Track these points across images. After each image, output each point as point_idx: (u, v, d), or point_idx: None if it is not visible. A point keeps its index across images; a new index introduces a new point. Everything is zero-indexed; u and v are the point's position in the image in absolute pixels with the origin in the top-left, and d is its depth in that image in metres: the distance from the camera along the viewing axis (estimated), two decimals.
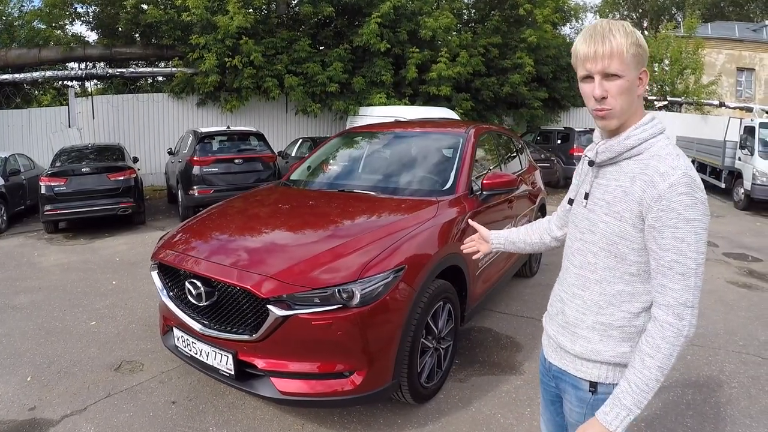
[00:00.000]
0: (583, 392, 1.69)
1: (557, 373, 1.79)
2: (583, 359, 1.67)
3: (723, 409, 3.65)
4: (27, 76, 16.04)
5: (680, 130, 20.35)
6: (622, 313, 1.60)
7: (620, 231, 1.55)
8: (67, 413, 3.69)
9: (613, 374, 1.63)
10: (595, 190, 1.66)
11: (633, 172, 1.54)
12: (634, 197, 1.51)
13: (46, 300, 6.14)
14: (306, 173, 5.18)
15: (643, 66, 1.54)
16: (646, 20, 37.53)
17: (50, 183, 9.70)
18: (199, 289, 3.22)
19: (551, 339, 1.82)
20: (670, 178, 1.45)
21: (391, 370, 3.14)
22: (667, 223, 1.45)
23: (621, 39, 1.48)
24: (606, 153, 1.60)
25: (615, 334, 1.61)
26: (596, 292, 1.64)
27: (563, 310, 1.76)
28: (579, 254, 1.70)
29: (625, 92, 1.52)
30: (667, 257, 1.46)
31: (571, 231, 1.78)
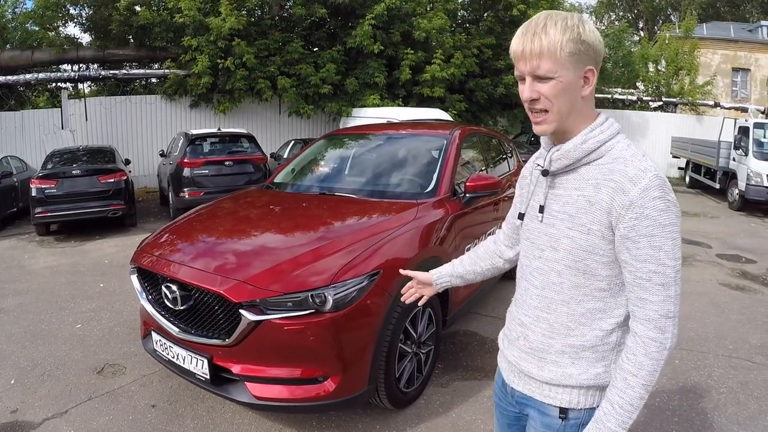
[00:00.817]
0: (552, 418, 1.53)
1: (521, 399, 1.63)
2: (552, 385, 1.52)
3: (710, 416, 3.60)
4: (20, 78, 16.03)
5: (675, 131, 20.39)
6: (594, 332, 1.46)
7: (588, 245, 1.40)
8: (48, 416, 3.69)
9: (585, 398, 1.49)
10: (552, 202, 1.50)
11: (596, 179, 1.39)
12: (601, 206, 1.36)
13: (33, 303, 6.13)
14: (290, 176, 5.15)
15: (588, 65, 1.38)
16: (641, 21, 37.57)
17: (41, 185, 9.68)
18: (174, 293, 3.21)
19: (512, 364, 1.64)
20: (641, 183, 1.31)
21: (366, 375, 3.12)
22: (642, 231, 1.31)
23: (555, 35, 1.33)
24: (562, 160, 1.45)
25: (587, 355, 1.47)
26: (564, 314, 1.48)
27: (526, 335, 1.58)
28: (540, 274, 1.53)
29: (560, 94, 1.38)
30: (645, 269, 1.33)
31: (527, 248, 1.61)
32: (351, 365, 3.03)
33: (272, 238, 3.61)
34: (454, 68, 16.16)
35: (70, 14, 17.60)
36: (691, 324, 5.25)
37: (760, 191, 12.00)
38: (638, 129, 22.01)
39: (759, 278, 7.00)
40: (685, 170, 17.92)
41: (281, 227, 3.83)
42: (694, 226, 10.71)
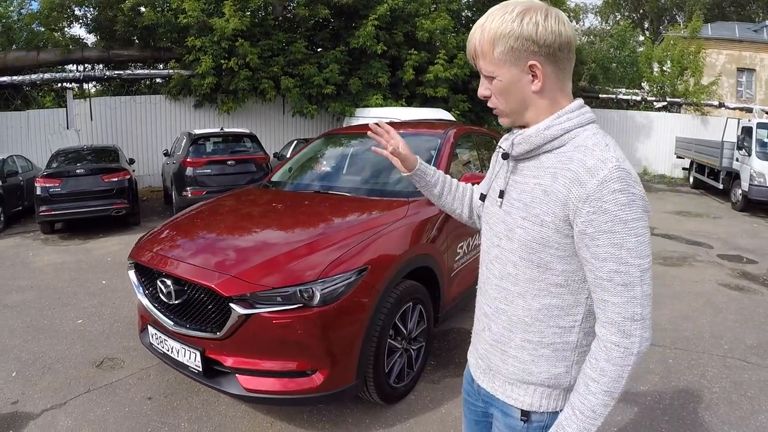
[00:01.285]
0: (514, 420, 1.47)
1: (486, 398, 1.57)
2: (515, 382, 1.45)
3: (701, 415, 3.59)
4: (25, 78, 16.13)
5: (680, 131, 20.33)
6: (551, 329, 1.38)
7: (541, 237, 1.32)
8: (47, 407, 3.79)
9: (547, 401, 1.43)
10: (511, 188, 1.42)
11: (554, 168, 1.31)
12: (556, 198, 1.28)
13: (36, 299, 6.22)
14: (287, 175, 5.23)
15: (529, 60, 1.30)
16: (647, 21, 37.46)
17: (45, 184, 9.79)
18: (169, 288, 3.30)
19: (480, 359, 1.57)
20: (599, 174, 1.22)
21: (354, 370, 3.18)
22: (601, 227, 1.22)
23: (490, 32, 1.31)
24: (523, 145, 1.37)
25: (546, 353, 1.40)
26: (520, 307, 1.41)
27: (489, 326, 1.51)
28: (498, 263, 1.45)
29: (503, 93, 1.36)
30: (605, 267, 1.24)
31: (487, 235, 1.53)
32: (339, 359, 3.09)
33: (265, 235, 3.68)
34: (457, 68, 16.18)
35: (75, 15, 17.71)
36: (687, 324, 5.24)
37: (763, 191, 11.95)
38: (643, 129, 21.98)
39: (759, 278, 6.98)
40: (689, 170, 17.88)
41: (274, 224, 3.90)
42: (696, 226, 10.72)
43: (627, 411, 3.63)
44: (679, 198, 15.10)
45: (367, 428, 3.44)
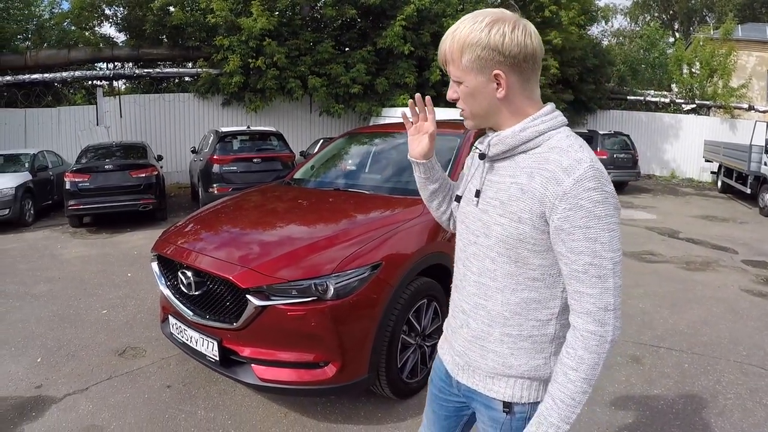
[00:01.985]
0: (497, 412, 1.52)
1: (467, 391, 1.60)
2: (495, 375, 1.50)
3: (713, 421, 3.53)
4: (56, 76, 16.51)
5: (708, 134, 20.04)
6: (530, 323, 1.44)
7: (518, 234, 1.38)
8: (69, 392, 3.94)
9: (528, 392, 1.48)
10: (488, 187, 1.48)
11: (530, 167, 1.37)
12: (533, 195, 1.34)
13: (63, 289, 6.41)
14: (309, 172, 5.31)
15: (494, 69, 1.36)
16: (677, 22, 36.93)
17: (74, 179, 10.05)
18: (189, 279, 3.40)
19: (457, 356, 1.60)
20: (575, 173, 1.29)
21: (366, 363, 3.23)
22: (577, 223, 1.28)
23: (459, 40, 1.37)
24: (499, 146, 1.43)
25: (526, 346, 1.45)
26: (499, 302, 1.46)
27: (467, 322, 1.55)
28: (476, 260, 1.50)
29: (469, 98, 1.43)
30: (580, 261, 1.30)
31: (463, 233, 1.59)
32: (351, 352, 3.16)
33: (283, 230, 3.79)
34: None
35: (105, 14, 18.07)
36: (706, 329, 5.17)
37: None
38: (671, 131, 21.69)
39: None
40: (718, 174, 17.61)
41: (293, 220, 4.00)
42: (721, 231, 10.56)
43: (639, 414, 3.61)
44: (705, 202, 14.91)
45: (379, 422, 3.50)
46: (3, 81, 15.84)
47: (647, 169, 21.05)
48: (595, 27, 24.07)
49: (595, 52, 21.51)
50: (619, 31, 34.45)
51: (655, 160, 21.84)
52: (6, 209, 10.29)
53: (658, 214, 12.60)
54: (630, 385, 4.03)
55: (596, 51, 21.81)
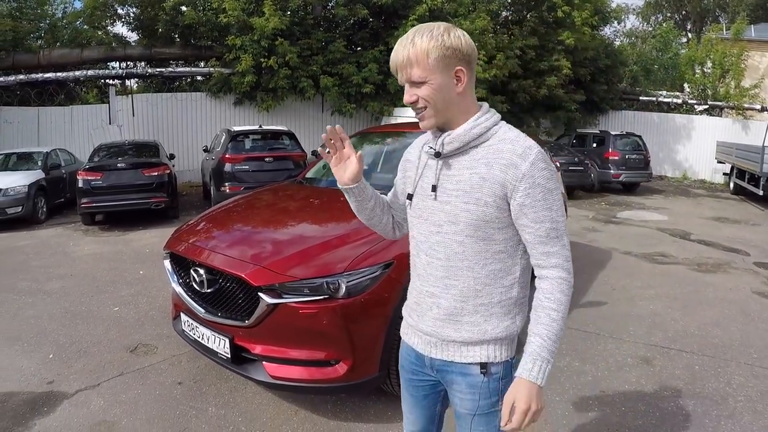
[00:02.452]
0: (474, 377, 1.70)
1: (441, 366, 1.77)
2: (470, 343, 1.69)
3: (723, 423, 3.51)
4: (69, 75, 16.59)
5: (721, 136, 19.88)
6: (498, 290, 1.66)
7: (484, 215, 1.59)
8: (81, 388, 3.98)
9: (500, 352, 1.70)
10: (445, 181, 1.66)
11: (487, 158, 1.59)
12: (495, 181, 1.56)
13: (75, 286, 6.47)
14: (321, 171, 5.32)
15: (456, 66, 1.57)
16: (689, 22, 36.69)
17: (87, 177, 10.12)
18: (202, 277, 3.42)
19: (428, 336, 1.76)
20: (529, 158, 1.55)
21: (377, 361, 3.25)
22: (537, 197, 1.55)
23: (422, 45, 1.54)
24: (454, 143, 1.62)
25: (497, 311, 1.68)
26: (470, 278, 1.65)
27: (438, 303, 1.71)
28: (442, 247, 1.67)
29: (433, 95, 1.58)
30: (543, 227, 1.58)
31: (420, 226, 1.75)
32: (362, 351, 3.17)
33: (295, 228, 3.81)
34: (496, 69, 16.15)
35: (118, 14, 18.20)
36: (717, 331, 5.13)
37: None
38: (683, 132, 21.54)
39: None
40: (730, 176, 17.49)
41: (306, 219, 4.04)
42: (733, 233, 10.48)
43: (648, 416, 3.59)
44: (718, 204, 14.80)
45: (389, 420, 3.50)
46: (16, 80, 15.92)
47: (659, 170, 20.91)
48: (608, 27, 23.96)
49: (608, 53, 21.41)
50: (632, 31, 34.26)
51: (668, 161, 21.72)
52: (19, 206, 10.36)
53: (670, 215, 12.52)
54: (640, 386, 4.01)
55: (608, 51, 21.72)
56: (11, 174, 11.11)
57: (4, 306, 5.81)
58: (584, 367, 4.29)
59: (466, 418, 1.76)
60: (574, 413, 3.62)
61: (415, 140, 1.90)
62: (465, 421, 1.76)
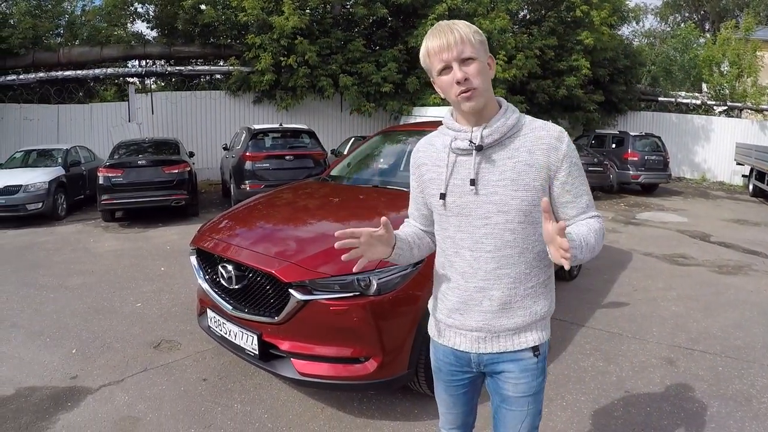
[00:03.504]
0: (526, 361, 1.80)
1: (490, 360, 1.82)
2: (521, 329, 1.78)
3: (748, 425, 3.46)
4: (89, 73, 16.76)
5: (740, 137, 19.69)
6: (542, 270, 1.78)
7: (534, 200, 1.66)
8: (105, 383, 3.98)
9: (545, 332, 1.82)
10: (486, 174, 1.70)
11: (526, 146, 1.68)
12: (539, 165, 1.66)
13: (97, 282, 6.50)
14: (346, 169, 5.34)
15: (487, 53, 1.68)
16: (707, 22, 36.31)
17: (108, 174, 10.19)
18: (230, 273, 3.42)
19: (477, 332, 1.80)
20: (564, 139, 1.69)
21: (406, 359, 3.23)
22: (574, 174, 1.70)
23: (465, 28, 1.63)
24: (494, 135, 1.68)
25: (542, 291, 1.79)
26: (522, 264, 1.73)
27: (489, 296, 1.75)
28: (491, 238, 1.71)
29: (480, 74, 1.64)
30: (583, 200, 1.73)
31: (462, 223, 1.75)
32: (392, 348, 3.16)
33: (323, 226, 3.80)
34: (516, 69, 16.10)
35: (138, 12, 18.33)
36: (739, 333, 5.09)
37: None
38: (701, 133, 21.36)
39: None
40: (749, 178, 17.28)
41: (334, 216, 4.04)
42: (753, 235, 10.37)
43: (673, 416, 3.57)
44: (737, 206, 14.65)
45: (416, 418, 3.49)
46: (36, 77, 16.07)
47: (678, 171, 20.72)
48: (626, 27, 23.81)
49: (626, 53, 21.26)
50: (650, 31, 34.00)
51: (686, 162, 21.54)
52: (39, 203, 10.46)
53: (689, 217, 12.42)
54: (665, 387, 3.99)
55: (627, 51, 21.56)
56: (32, 170, 11.22)
57: (26, 301, 5.84)
58: (608, 367, 4.27)
59: (519, 401, 1.82)
60: (600, 413, 3.60)
61: (418, 145, 1.93)
62: (519, 403, 1.82)
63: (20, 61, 16.10)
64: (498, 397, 1.88)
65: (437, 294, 1.94)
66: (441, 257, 1.88)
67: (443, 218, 1.81)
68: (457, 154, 1.75)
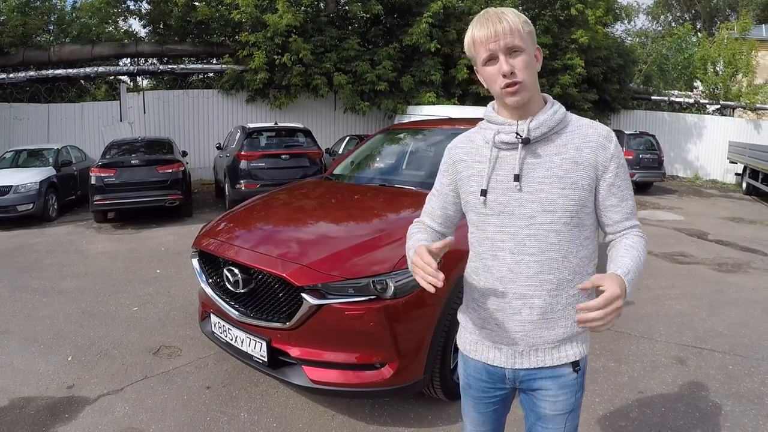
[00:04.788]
0: (566, 377, 1.68)
1: (527, 376, 1.70)
2: (562, 342, 1.66)
3: (762, 423, 3.47)
4: (80, 71, 16.54)
5: (733, 136, 19.81)
6: (586, 277, 1.62)
7: (580, 200, 1.58)
8: (103, 392, 3.81)
9: (585, 345, 1.71)
10: (532, 170, 1.60)
11: (573, 143, 1.59)
12: (587, 164, 1.58)
13: (91, 285, 6.34)
14: (349, 168, 5.22)
15: (535, 44, 1.60)
16: (699, 22, 36.48)
17: (100, 174, 10.02)
18: (236, 277, 3.28)
19: (514, 345, 1.68)
20: (612, 139, 1.60)
21: (423, 364, 3.12)
22: (621, 176, 1.62)
23: (514, 18, 1.54)
24: (541, 128, 1.59)
25: (584, 300, 1.61)
26: (565, 269, 1.61)
27: (530, 304, 1.62)
28: (535, 240, 1.59)
29: (529, 66, 1.55)
30: (628, 205, 1.65)
31: (503, 223, 1.63)
32: (409, 353, 3.04)
33: (333, 227, 3.67)
34: None
35: (130, 9, 18.14)
36: (746, 331, 5.11)
37: None
38: (694, 131, 21.50)
39: None
40: (742, 176, 17.37)
41: (341, 216, 3.89)
42: (751, 233, 10.44)
43: (688, 416, 3.55)
44: (731, 204, 14.73)
45: (430, 424, 3.38)
46: (26, 76, 15.84)
47: (671, 169, 20.87)
48: (618, 26, 23.88)
49: (620, 52, 21.36)
50: (642, 30, 34.12)
51: (679, 161, 21.68)
52: (30, 203, 10.28)
53: (685, 215, 12.47)
54: (677, 386, 3.97)
55: (621, 50, 21.65)
56: (22, 171, 11.04)
57: (18, 305, 5.67)
58: (620, 367, 4.21)
59: (557, 419, 1.71)
60: (615, 414, 3.55)
61: (455, 141, 1.81)
62: (556, 421, 1.71)
63: (10, 59, 15.86)
64: (533, 415, 1.76)
65: (469, 303, 1.79)
66: (475, 262, 1.74)
67: (482, 218, 1.68)
68: (500, 148, 1.64)
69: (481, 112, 1.77)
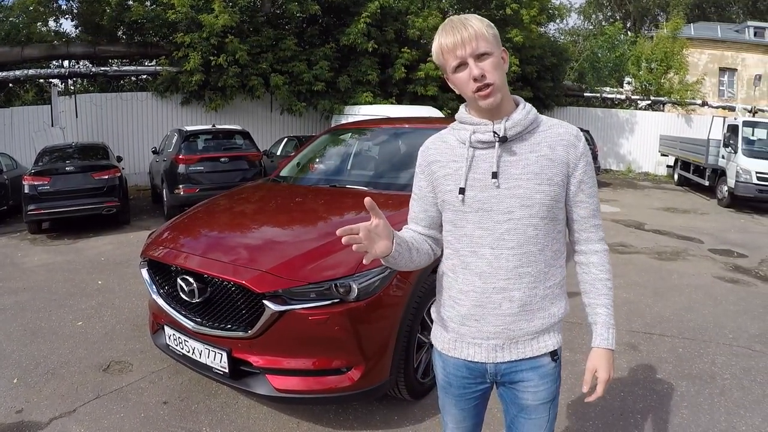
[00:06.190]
0: (545, 367, 1.75)
1: (508, 369, 1.75)
2: (541, 333, 1.73)
3: (717, 401, 3.67)
4: (9, 74, 15.82)
5: (663, 130, 20.58)
6: (558, 270, 1.73)
7: (555, 195, 1.65)
8: (55, 415, 3.61)
9: (560, 334, 1.79)
10: (509, 167, 1.64)
11: (547, 141, 1.66)
12: (560, 161, 1.65)
13: (30, 301, 6.03)
14: (296, 169, 5.14)
15: (500, 46, 1.63)
16: (629, 21, 37.79)
17: (34, 182, 9.54)
18: (191, 286, 3.17)
19: (494, 339, 1.71)
20: (581, 138, 1.69)
21: (388, 365, 3.10)
22: (589, 173, 1.70)
23: (478, 23, 1.59)
24: (516, 127, 1.65)
25: (558, 292, 1.74)
26: (541, 262, 1.68)
27: (509, 297, 1.66)
28: (513, 234, 1.64)
29: (498, 68, 1.60)
30: (594, 201, 1.73)
31: (482, 219, 1.66)
32: (374, 355, 3.02)
33: (290, 230, 3.60)
34: None
35: (62, 9, 17.46)
36: (691, 315, 5.37)
37: (749, 188, 12.16)
38: (626, 126, 22.25)
39: (751, 271, 7.17)
40: (674, 168, 18.11)
41: (298, 219, 3.81)
42: (685, 222, 10.93)
43: (647, 399, 3.70)
44: (665, 195, 15.31)
45: (397, 425, 3.37)
46: None
47: (604, 163, 21.64)
48: (551, 25, 24.47)
49: (553, 51, 21.87)
50: (574, 29, 35.08)
51: (612, 155, 22.41)
52: None
53: (621, 207, 12.93)
54: (632, 371, 4.14)
55: (554, 49, 22.17)
56: None
57: None
58: (575, 356, 4.29)
59: (539, 409, 1.78)
60: (577, 402, 3.63)
61: (427, 143, 1.83)
62: (539, 411, 1.78)
63: None
64: (515, 407, 1.80)
65: (445, 301, 1.81)
66: (452, 259, 1.76)
67: (459, 215, 1.70)
68: (476, 147, 1.68)
69: (420, 110, 1.81)
